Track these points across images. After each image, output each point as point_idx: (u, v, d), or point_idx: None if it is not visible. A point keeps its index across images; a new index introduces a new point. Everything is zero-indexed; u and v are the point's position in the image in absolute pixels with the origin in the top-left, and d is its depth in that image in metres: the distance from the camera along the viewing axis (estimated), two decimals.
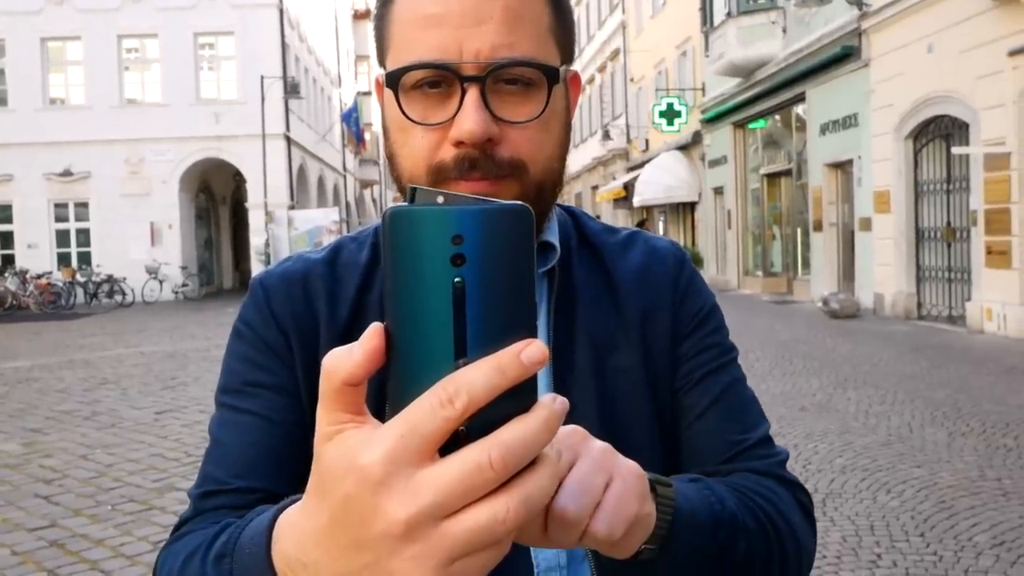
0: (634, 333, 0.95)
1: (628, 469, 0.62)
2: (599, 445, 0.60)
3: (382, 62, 0.88)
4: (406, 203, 0.46)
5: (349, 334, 0.89)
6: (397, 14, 0.85)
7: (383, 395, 0.46)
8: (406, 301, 0.45)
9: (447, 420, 0.42)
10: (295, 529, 0.50)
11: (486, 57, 0.79)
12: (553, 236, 0.95)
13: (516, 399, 0.44)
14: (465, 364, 0.44)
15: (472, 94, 0.79)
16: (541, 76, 0.82)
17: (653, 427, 0.93)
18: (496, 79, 0.80)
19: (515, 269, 0.45)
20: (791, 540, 0.87)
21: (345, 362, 0.45)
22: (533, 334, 0.45)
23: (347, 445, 0.44)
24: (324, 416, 0.46)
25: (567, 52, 0.89)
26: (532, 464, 0.45)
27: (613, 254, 0.99)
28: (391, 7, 0.86)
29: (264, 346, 0.89)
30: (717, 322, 1.00)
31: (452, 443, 0.43)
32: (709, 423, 0.93)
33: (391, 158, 0.88)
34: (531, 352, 0.44)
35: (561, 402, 0.46)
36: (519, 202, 0.46)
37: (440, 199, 0.45)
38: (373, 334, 0.45)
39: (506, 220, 0.45)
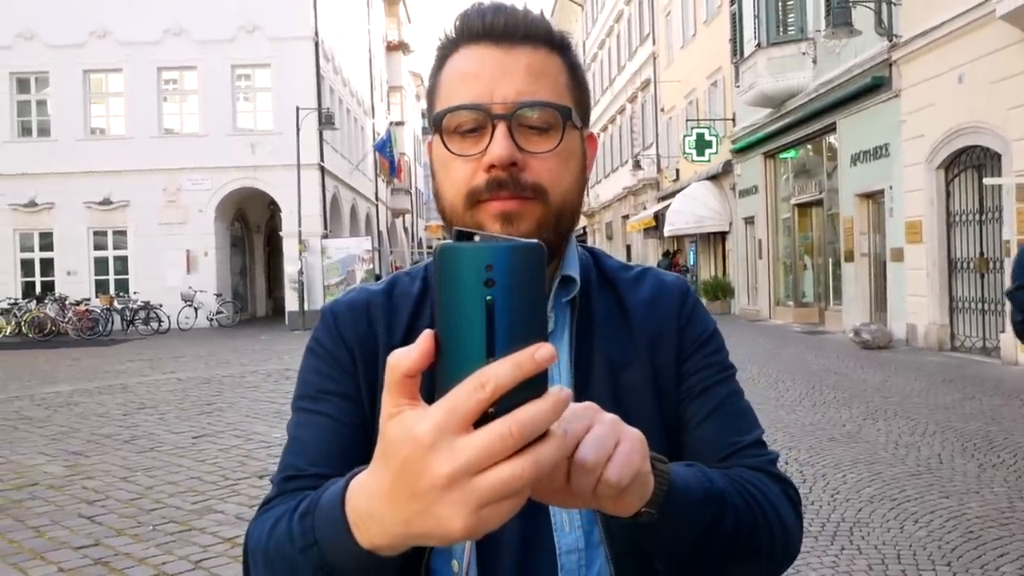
0: (644, 355, 1.09)
1: (633, 433, 0.75)
2: (610, 416, 0.74)
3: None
4: (452, 240, 0.60)
5: None
6: (444, 78, 1.03)
7: (429, 386, 0.60)
8: (450, 314, 0.59)
9: (480, 402, 0.56)
10: (363, 489, 0.65)
11: (512, 100, 0.97)
12: (574, 271, 1.09)
13: (531, 388, 0.57)
14: (493, 361, 0.57)
15: (501, 128, 0.96)
16: (557, 117, 0.99)
17: (661, 435, 1.05)
18: (519, 122, 0.97)
19: (532, 290, 0.59)
20: (777, 522, 0.98)
21: (405, 359, 0.60)
22: (545, 339, 0.59)
23: (405, 422, 0.58)
24: (388, 400, 0.60)
25: (582, 112, 1.05)
26: (543, 437, 0.58)
27: (627, 287, 1.14)
28: (440, 75, 1.04)
29: (334, 361, 1.06)
30: (717, 344, 1.14)
31: (483, 419, 0.57)
32: (708, 429, 1.07)
33: (437, 193, 1.06)
34: (542, 352, 0.57)
35: (566, 392, 0.59)
36: (536, 240, 0.60)
37: (477, 238, 0.60)
38: (426, 338, 0.60)
39: (526, 254, 0.59)
